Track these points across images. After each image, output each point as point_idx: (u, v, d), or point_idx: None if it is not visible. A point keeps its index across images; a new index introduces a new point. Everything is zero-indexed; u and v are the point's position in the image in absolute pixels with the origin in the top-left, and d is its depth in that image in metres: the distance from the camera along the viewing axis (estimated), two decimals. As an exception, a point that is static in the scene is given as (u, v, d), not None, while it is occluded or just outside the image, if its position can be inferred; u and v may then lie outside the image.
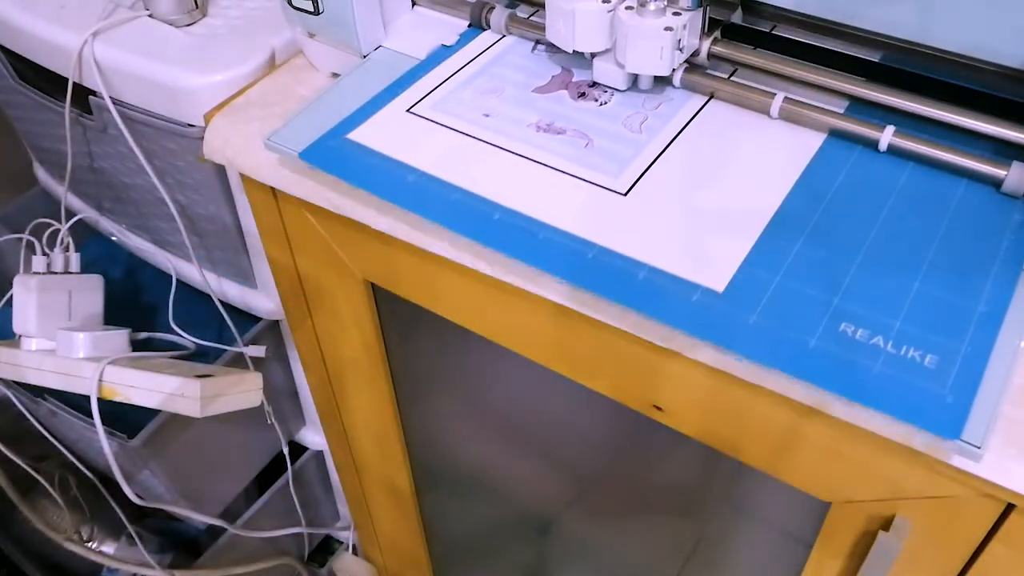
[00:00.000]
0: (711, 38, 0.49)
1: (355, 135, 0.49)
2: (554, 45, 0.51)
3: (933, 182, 0.44)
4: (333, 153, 0.49)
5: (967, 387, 0.36)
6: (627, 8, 0.47)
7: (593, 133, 0.49)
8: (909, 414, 0.35)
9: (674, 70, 0.49)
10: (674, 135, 0.48)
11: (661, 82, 0.51)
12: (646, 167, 0.46)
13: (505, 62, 0.54)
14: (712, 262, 0.41)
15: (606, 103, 0.50)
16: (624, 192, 0.45)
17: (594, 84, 0.52)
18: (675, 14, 0.46)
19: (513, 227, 0.44)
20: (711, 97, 0.50)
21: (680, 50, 0.48)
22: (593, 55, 0.51)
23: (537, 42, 0.55)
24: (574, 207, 0.44)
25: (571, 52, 0.50)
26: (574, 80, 0.52)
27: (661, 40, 0.46)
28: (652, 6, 0.46)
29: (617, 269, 0.41)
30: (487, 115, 0.50)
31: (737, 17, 0.52)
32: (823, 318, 0.39)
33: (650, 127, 0.49)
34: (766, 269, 0.41)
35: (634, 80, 0.51)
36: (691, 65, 0.50)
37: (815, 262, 0.41)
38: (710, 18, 0.49)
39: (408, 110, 0.51)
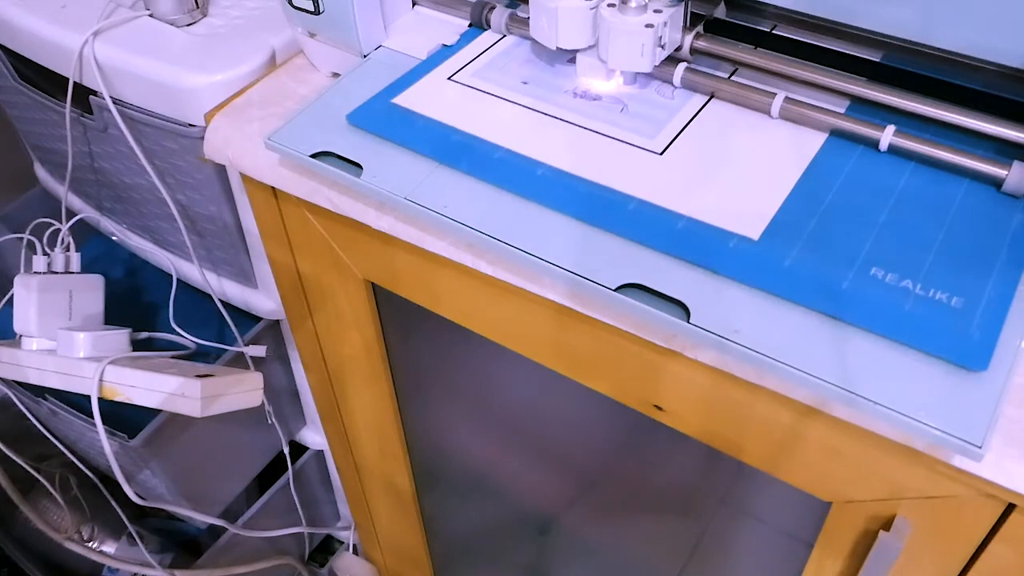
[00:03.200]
0: (693, 33, 0.50)
1: (400, 99, 0.52)
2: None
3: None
4: (381, 115, 0.51)
5: (992, 325, 0.38)
6: (609, 5, 0.48)
7: (627, 99, 0.51)
8: (938, 347, 0.37)
9: (657, 66, 0.50)
10: (704, 102, 0.50)
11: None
12: (681, 128, 0.48)
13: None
14: (747, 213, 0.43)
15: (632, 83, 0.53)
16: (660, 152, 0.47)
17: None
18: (656, 11, 0.47)
19: (556, 182, 0.46)
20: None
21: (662, 46, 0.48)
22: (576, 52, 0.51)
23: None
24: (614, 164, 0.46)
25: (554, 49, 0.50)
26: None
27: (642, 37, 0.47)
28: (633, 3, 0.47)
29: (657, 219, 0.43)
30: (525, 82, 0.52)
31: (721, 12, 0.52)
32: (855, 263, 0.40)
33: (681, 93, 0.51)
34: (801, 215, 0.43)
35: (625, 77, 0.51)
36: (674, 60, 0.51)
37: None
38: (693, 13, 0.50)
39: (450, 78, 0.53)
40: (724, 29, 0.51)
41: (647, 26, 0.46)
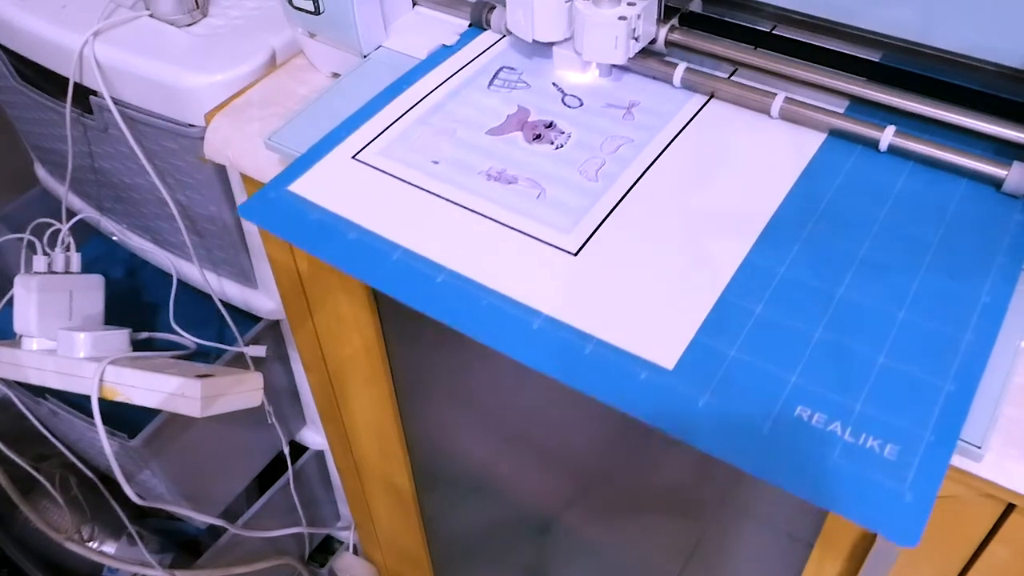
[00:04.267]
0: (668, 26, 0.50)
1: (298, 186, 0.46)
2: (517, 77, 0.51)
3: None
4: (274, 208, 0.46)
5: (929, 481, 0.34)
6: None
7: (546, 181, 0.46)
8: (865, 516, 0.33)
9: (628, 59, 0.50)
10: (634, 180, 0.45)
11: (625, 79, 0.51)
12: (600, 221, 0.44)
13: (462, 98, 0.51)
14: (663, 333, 0.39)
15: (562, 146, 0.48)
16: (575, 251, 0.42)
17: (550, 125, 0.49)
18: (629, 3, 0.47)
19: (457, 291, 0.41)
20: (686, 125, 0.49)
21: (636, 39, 0.48)
22: (552, 45, 0.52)
23: (497, 73, 0.53)
24: (522, 268, 0.42)
25: (531, 41, 0.51)
26: (530, 120, 0.50)
27: (615, 29, 0.47)
28: None
29: (562, 342, 0.39)
30: (436, 162, 0.47)
31: (696, 6, 0.53)
32: (779, 399, 0.36)
33: (607, 173, 0.46)
34: (722, 338, 0.38)
35: (607, 73, 0.51)
36: (649, 53, 0.51)
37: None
38: (667, 6, 0.50)
39: (354, 156, 0.48)
40: (699, 22, 0.52)
41: (620, 18, 0.47)
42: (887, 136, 0.45)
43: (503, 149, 0.48)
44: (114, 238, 0.82)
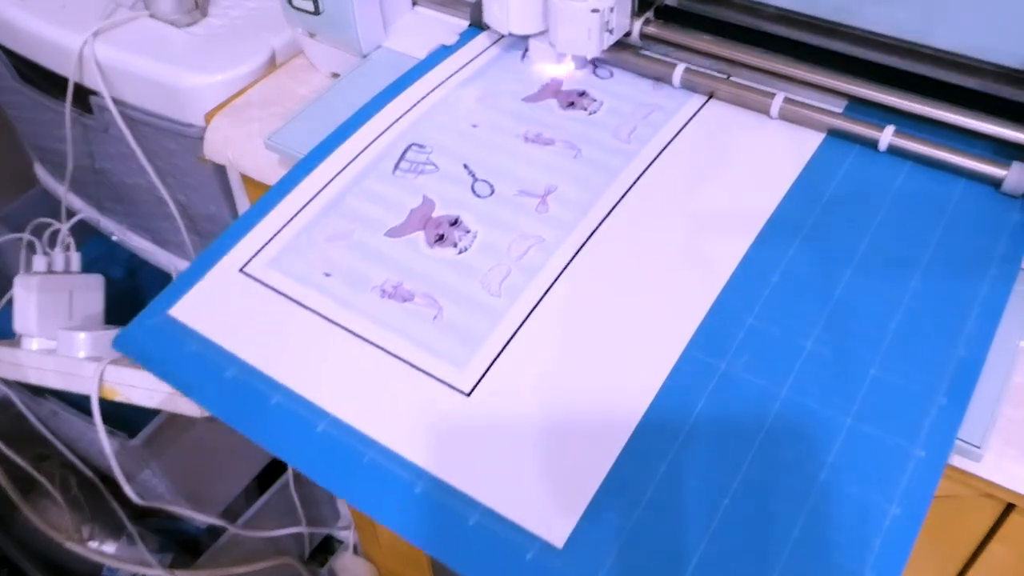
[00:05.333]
0: (643, 19, 0.51)
1: (177, 310, 0.42)
2: (426, 157, 0.48)
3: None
4: (150, 338, 0.41)
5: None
6: None
7: (445, 298, 0.41)
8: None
9: (603, 52, 0.50)
10: (542, 292, 0.41)
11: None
12: (499, 351, 0.39)
13: (362, 189, 0.46)
14: (558, 501, 0.34)
15: (466, 249, 0.43)
16: (468, 391, 0.38)
17: (456, 222, 0.44)
18: None
19: (337, 445, 0.37)
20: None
21: (609, 31, 0.49)
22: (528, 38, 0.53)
23: (404, 154, 0.48)
24: (411, 414, 0.37)
25: (506, 34, 0.51)
26: (434, 216, 0.45)
27: (588, 21, 0.47)
28: None
29: (445, 509, 0.34)
30: (328, 274, 0.42)
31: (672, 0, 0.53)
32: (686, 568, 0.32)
33: (511, 286, 0.41)
34: (618, 511, 0.34)
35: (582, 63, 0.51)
36: (624, 46, 0.51)
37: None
38: None
39: (242, 269, 0.43)
40: (677, 16, 0.52)
41: (593, 11, 0.47)
42: (886, 136, 0.45)
43: (402, 255, 0.43)
44: (114, 238, 0.82)
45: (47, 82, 0.68)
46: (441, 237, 0.43)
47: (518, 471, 0.35)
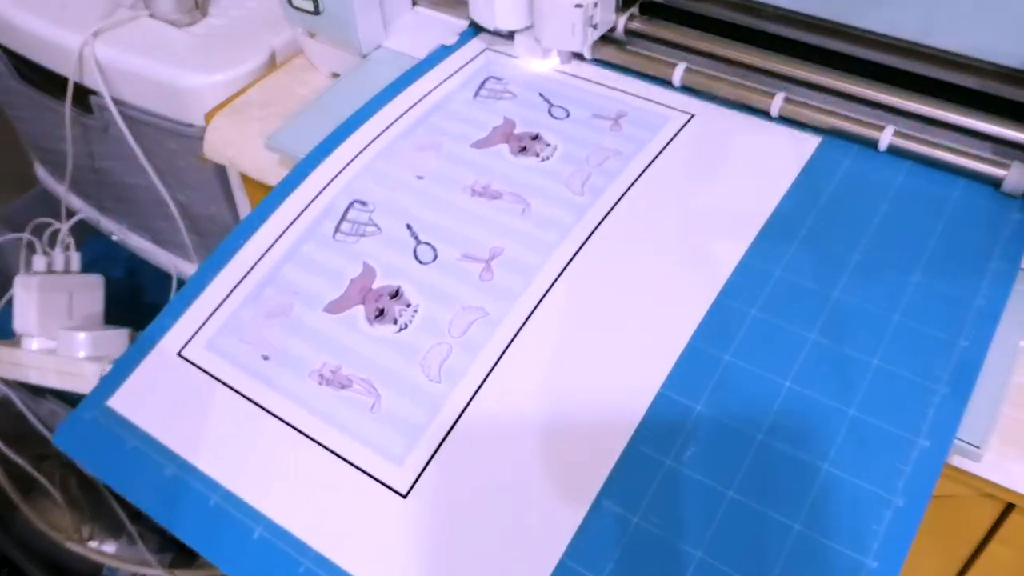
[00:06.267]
0: (627, 14, 0.51)
1: (116, 401, 0.40)
2: (368, 218, 0.46)
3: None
4: (89, 433, 0.40)
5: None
6: None
7: (383, 383, 0.39)
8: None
9: (595, 47, 0.51)
10: (481, 379, 0.38)
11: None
12: (437, 445, 0.37)
13: (301, 257, 0.44)
14: None
15: (406, 326, 0.41)
16: (405, 492, 0.36)
17: (396, 293, 0.42)
18: None
19: (272, 553, 0.35)
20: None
21: (594, 27, 0.49)
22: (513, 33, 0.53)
23: (344, 215, 0.46)
24: (346, 518, 0.36)
25: (492, 29, 0.52)
26: (374, 288, 0.43)
27: (572, 16, 0.48)
28: None
29: None
30: (266, 357, 0.41)
31: None
32: None
33: (451, 369, 0.39)
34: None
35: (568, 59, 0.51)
36: (609, 41, 0.52)
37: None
38: None
39: (179, 352, 0.42)
40: (661, 11, 0.53)
41: (577, 6, 0.48)
42: (886, 136, 0.45)
43: (341, 335, 0.41)
44: (114, 238, 0.82)
45: (47, 82, 0.68)
46: (381, 312, 0.42)
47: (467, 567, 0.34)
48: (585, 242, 0.43)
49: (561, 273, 0.42)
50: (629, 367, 0.38)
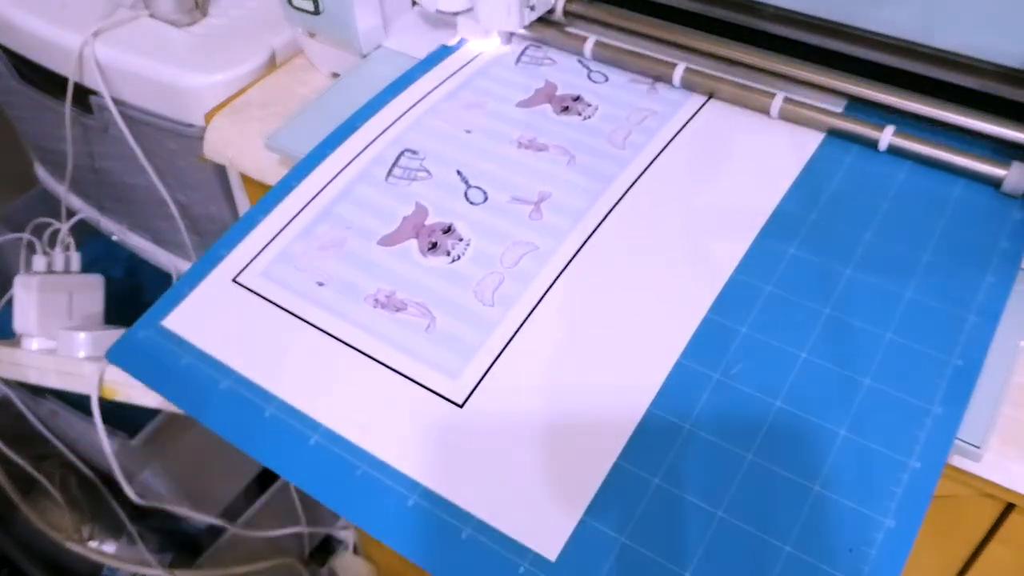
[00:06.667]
0: None
1: (171, 321, 0.42)
2: (419, 164, 0.47)
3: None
4: (143, 351, 0.41)
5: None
6: None
7: (438, 308, 0.40)
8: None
9: (534, 29, 0.52)
10: (536, 300, 0.40)
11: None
12: (492, 361, 0.38)
13: (355, 197, 0.46)
14: (552, 513, 0.34)
15: (459, 257, 0.42)
16: (461, 403, 0.37)
17: (449, 229, 0.44)
18: None
19: (330, 457, 0.37)
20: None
21: (531, 8, 0.51)
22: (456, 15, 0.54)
23: (397, 161, 0.48)
24: (404, 424, 0.37)
25: (434, 12, 0.53)
26: (426, 224, 0.44)
27: None
28: None
29: (438, 523, 0.34)
30: (321, 283, 0.42)
31: None
32: None
33: (504, 295, 0.40)
34: (613, 523, 0.34)
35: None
36: (548, 22, 0.53)
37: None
38: None
39: (235, 279, 0.43)
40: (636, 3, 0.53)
41: None
42: (886, 136, 0.45)
43: (395, 264, 0.43)
44: (114, 238, 0.82)
45: (47, 82, 0.68)
46: (434, 245, 0.43)
47: (511, 483, 0.35)
48: (627, 192, 0.45)
49: (605, 217, 0.43)
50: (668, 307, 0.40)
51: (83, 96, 0.65)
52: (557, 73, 0.53)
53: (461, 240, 0.43)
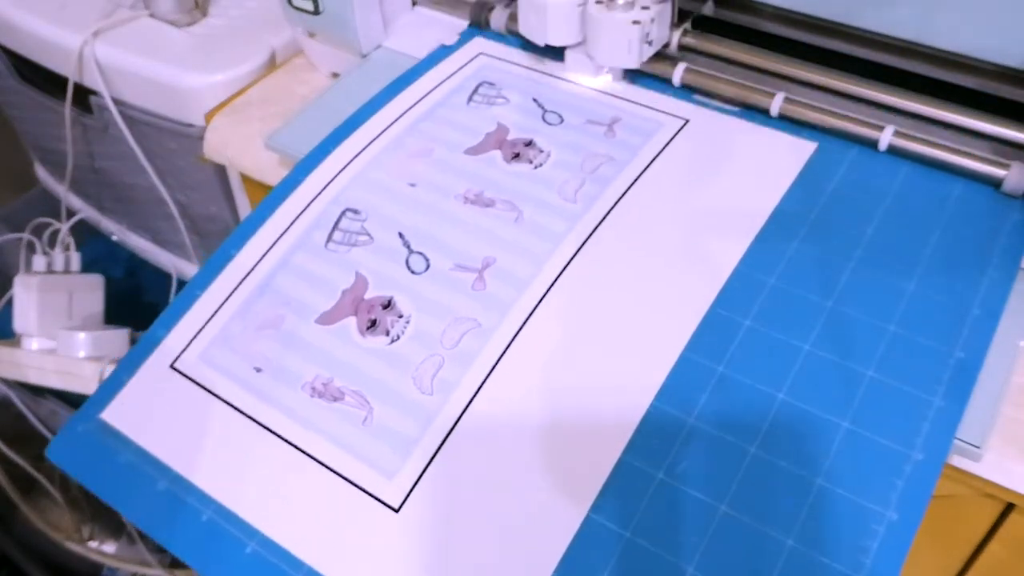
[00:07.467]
0: (681, 30, 0.50)
1: (110, 413, 0.40)
2: (360, 226, 0.45)
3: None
4: (83, 445, 0.40)
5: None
6: (597, 2, 0.48)
7: (376, 396, 0.39)
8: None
9: (647, 64, 0.50)
10: (475, 389, 0.38)
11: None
12: (430, 458, 0.36)
13: (293, 267, 0.44)
14: None
15: (398, 338, 0.40)
16: (396, 507, 0.36)
17: (388, 304, 0.42)
18: (643, 7, 0.47)
19: (267, 567, 0.35)
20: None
21: (649, 43, 0.48)
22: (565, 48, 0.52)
23: (336, 224, 0.46)
24: (338, 532, 0.36)
25: (543, 45, 0.50)
26: (366, 298, 0.42)
27: (628, 33, 0.47)
28: (621, 0, 0.47)
29: None
30: (259, 369, 0.40)
31: (709, 9, 0.53)
32: None
33: (443, 380, 0.38)
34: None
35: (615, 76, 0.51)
36: (662, 56, 0.51)
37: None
38: (680, 9, 0.50)
39: (172, 364, 0.41)
40: (712, 25, 0.52)
41: (634, 22, 0.46)
42: (886, 136, 0.45)
43: (333, 346, 0.41)
44: (114, 238, 0.82)
45: (47, 82, 0.68)
46: (373, 323, 0.41)
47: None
48: (578, 251, 0.42)
49: (554, 283, 0.41)
50: (624, 376, 0.38)
51: (83, 96, 0.65)
52: (510, 114, 0.50)
53: (401, 317, 0.41)
